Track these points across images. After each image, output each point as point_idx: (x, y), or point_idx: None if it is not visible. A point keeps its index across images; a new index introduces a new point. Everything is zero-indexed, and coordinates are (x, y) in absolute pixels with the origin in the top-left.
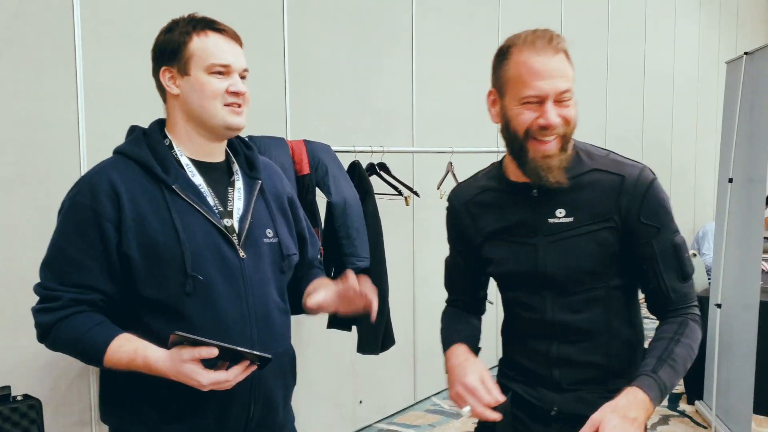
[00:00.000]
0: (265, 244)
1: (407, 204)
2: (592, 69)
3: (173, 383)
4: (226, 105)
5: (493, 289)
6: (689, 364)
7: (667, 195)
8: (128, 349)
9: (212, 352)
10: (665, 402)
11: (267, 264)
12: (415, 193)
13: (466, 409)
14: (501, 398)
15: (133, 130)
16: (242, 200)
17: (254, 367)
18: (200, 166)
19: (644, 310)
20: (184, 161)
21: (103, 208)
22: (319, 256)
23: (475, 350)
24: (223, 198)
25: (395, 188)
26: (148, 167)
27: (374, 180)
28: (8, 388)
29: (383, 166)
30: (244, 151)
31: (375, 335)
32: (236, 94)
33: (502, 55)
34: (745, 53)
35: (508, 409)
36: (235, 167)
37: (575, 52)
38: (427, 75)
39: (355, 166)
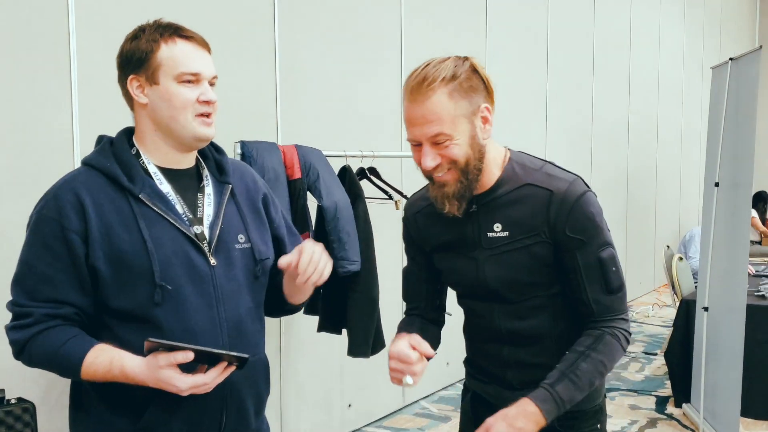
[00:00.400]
0: (237, 250)
1: (397, 208)
2: (578, 73)
3: (145, 393)
4: (198, 115)
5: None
6: (597, 380)
7: (599, 208)
8: (104, 359)
9: (188, 356)
10: (653, 405)
11: (239, 270)
12: (405, 197)
13: (408, 379)
14: (430, 353)
15: (101, 140)
16: (212, 206)
17: (233, 368)
18: (168, 173)
19: None
20: (152, 169)
21: (68, 221)
22: None
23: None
24: (193, 204)
25: (385, 192)
26: (114, 177)
27: (364, 184)
28: (2, 391)
29: (373, 171)
30: (214, 156)
31: (366, 338)
32: (207, 102)
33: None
34: (731, 59)
35: (468, 409)
36: (205, 173)
37: (561, 58)
38: None
39: (345, 170)
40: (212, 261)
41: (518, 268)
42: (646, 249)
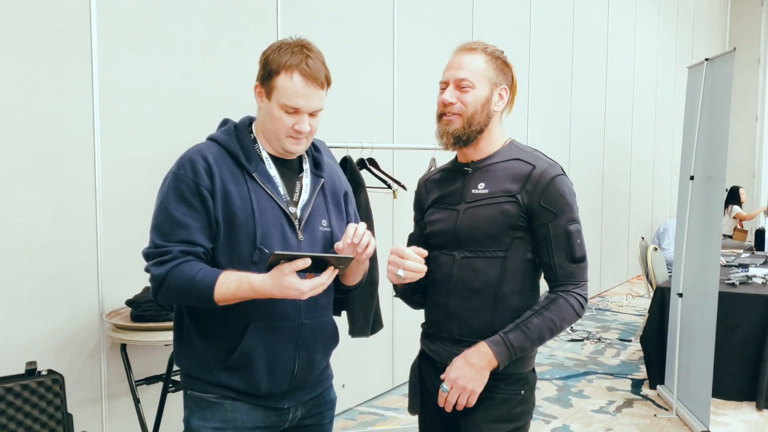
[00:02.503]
0: (320, 231)
1: (395, 197)
2: (558, 71)
3: (231, 342)
4: (289, 136)
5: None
6: (548, 334)
7: (572, 190)
8: (233, 279)
9: (306, 262)
10: (628, 387)
11: (319, 247)
12: (403, 187)
13: (400, 272)
14: (424, 253)
15: (226, 123)
16: (307, 193)
17: (337, 271)
18: (277, 161)
19: None
20: (264, 155)
21: (201, 179)
22: None
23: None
24: (292, 189)
25: (384, 182)
26: (235, 155)
27: (363, 174)
28: (35, 363)
29: (372, 161)
30: (313, 153)
31: (366, 319)
32: (299, 132)
33: None
34: (706, 59)
35: (416, 365)
36: (305, 165)
37: (542, 56)
38: (407, 76)
39: (346, 160)
40: (300, 237)
41: (486, 219)
42: (620, 241)
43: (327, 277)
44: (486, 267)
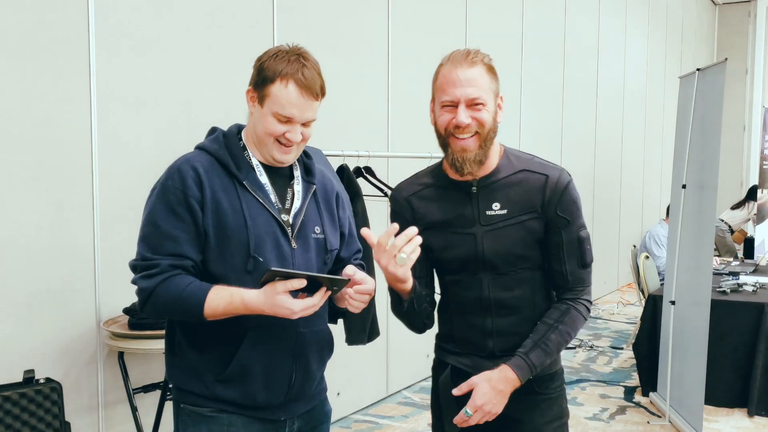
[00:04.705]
0: (313, 239)
1: None
2: (550, 83)
3: (226, 353)
4: (278, 143)
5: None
6: (563, 347)
7: (579, 195)
8: (224, 294)
9: (302, 282)
10: (621, 394)
11: (313, 254)
12: None
13: (403, 254)
14: (414, 230)
15: (214, 131)
16: (299, 200)
17: (329, 293)
18: (267, 168)
19: None
20: (254, 163)
21: (190, 189)
22: (357, 258)
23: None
24: (283, 197)
25: (381, 189)
26: (224, 163)
27: (360, 182)
28: (32, 371)
29: (369, 170)
30: (304, 160)
31: (363, 327)
32: (289, 140)
33: (436, 70)
34: (698, 69)
35: (448, 382)
36: (296, 172)
37: (533, 66)
38: (401, 86)
39: (343, 169)
40: (293, 244)
41: (514, 241)
42: (611, 249)
43: (319, 299)
44: (519, 284)
